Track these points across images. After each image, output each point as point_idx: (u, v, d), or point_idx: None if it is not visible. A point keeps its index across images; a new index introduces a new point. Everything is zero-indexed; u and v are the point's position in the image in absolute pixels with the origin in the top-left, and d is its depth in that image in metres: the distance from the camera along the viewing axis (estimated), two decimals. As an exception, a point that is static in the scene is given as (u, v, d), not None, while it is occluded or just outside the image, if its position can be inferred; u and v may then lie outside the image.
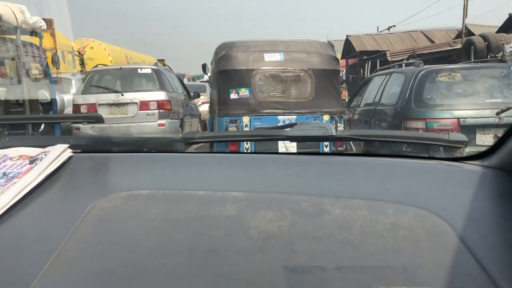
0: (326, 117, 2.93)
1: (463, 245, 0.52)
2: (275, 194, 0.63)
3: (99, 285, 0.47)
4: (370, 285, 0.46)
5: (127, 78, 6.13)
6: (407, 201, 0.60)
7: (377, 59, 12.66)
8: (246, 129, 2.87)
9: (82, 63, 6.85)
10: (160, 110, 5.64)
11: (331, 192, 0.64)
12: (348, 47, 16.64)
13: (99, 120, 1.06)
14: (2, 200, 0.59)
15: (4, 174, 0.67)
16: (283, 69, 2.89)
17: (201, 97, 8.34)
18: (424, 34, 15.57)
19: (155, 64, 6.56)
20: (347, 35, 16.25)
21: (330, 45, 3.26)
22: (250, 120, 2.88)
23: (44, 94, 4.92)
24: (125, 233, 0.56)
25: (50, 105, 5.08)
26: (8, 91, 4.27)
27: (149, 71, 6.10)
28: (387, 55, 11.71)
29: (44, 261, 0.50)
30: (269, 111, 2.90)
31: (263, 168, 0.76)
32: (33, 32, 4.68)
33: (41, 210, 0.62)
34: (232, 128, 2.83)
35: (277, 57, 2.88)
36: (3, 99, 4.13)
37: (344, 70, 19.44)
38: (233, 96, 2.90)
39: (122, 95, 5.64)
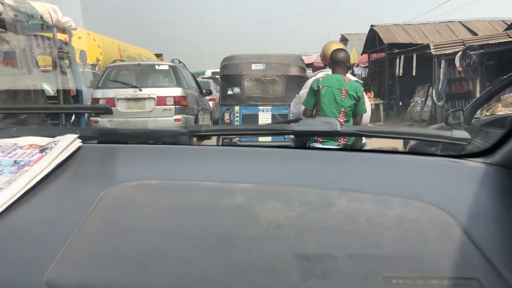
0: None
1: (467, 237, 0.61)
2: (283, 186, 0.75)
3: (113, 269, 0.57)
4: (380, 273, 0.55)
5: (145, 74, 7.07)
6: (412, 196, 0.71)
7: (414, 53, 12.47)
8: (237, 114, 5.00)
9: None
10: (177, 106, 6.58)
11: (338, 186, 0.75)
12: (372, 40, 16.09)
13: (108, 111, 1.20)
14: (14, 187, 0.70)
15: (15, 162, 0.79)
16: (264, 74, 5.03)
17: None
18: (464, 25, 16.22)
19: (172, 61, 7.43)
20: (371, 25, 15.70)
21: (300, 58, 5.52)
22: (240, 108, 5.00)
23: (73, 87, 5.90)
24: (137, 220, 0.66)
25: (77, 97, 6.06)
26: (45, 83, 5.31)
27: (166, 67, 7.05)
28: (431, 47, 11.25)
29: (60, 247, 0.59)
30: (253, 103, 4.99)
31: (270, 161, 0.89)
32: (64, 30, 5.70)
33: (53, 198, 0.73)
34: (227, 114, 4.99)
35: (260, 66, 5.05)
36: (42, 89, 5.08)
37: (364, 68, 18.42)
38: (229, 92, 5.06)
39: (140, 90, 6.57)
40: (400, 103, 14.23)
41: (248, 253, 0.59)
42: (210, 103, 9.18)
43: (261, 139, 4.47)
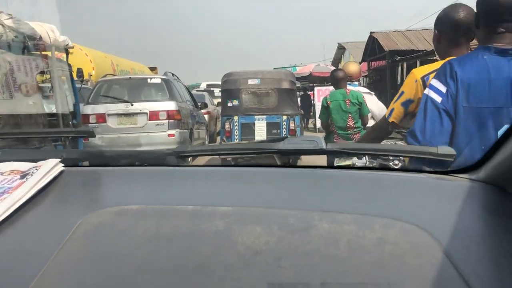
0: (284, 117, 5.89)
1: (448, 260, 0.61)
2: (264, 208, 0.75)
3: None
4: None
5: (137, 88, 6.97)
6: (395, 215, 0.71)
7: (417, 60, 12.09)
8: (236, 123, 5.87)
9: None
10: (170, 120, 6.51)
11: (319, 207, 0.75)
12: (372, 47, 15.80)
13: (91, 134, 1.20)
14: None
15: None
16: (259, 88, 5.97)
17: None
18: (466, 30, 16.31)
19: (165, 74, 7.38)
20: (371, 32, 15.53)
21: (291, 73, 6.61)
22: (238, 118, 5.89)
23: (71, 105, 5.84)
24: (113, 249, 0.66)
25: (74, 113, 5.92)
26: (44, 102, 5.32)
27: (158, 81, 6.97)
28: (438, 53, 11.12)
29: (33, 276, 0.60)
30: (250, 113, 5.88)
31: (252, 182, 0.89)
32: (61, 49, 5.68)
33: (30, 226, 0.73)
34: (227, 123, 5.88)
35: (256, 81, 5.98)
36: (43, 111, 5.16)
37: (364, 77, 17.50)
38: (229, 104, 5.97)
39: (132, 105, 6.46)
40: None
41: (223, 282, 0.60)
42: (206, 116, 9.01)
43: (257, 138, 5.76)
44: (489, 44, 1.24)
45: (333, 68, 17.43)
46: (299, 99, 14.52)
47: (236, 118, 5.97)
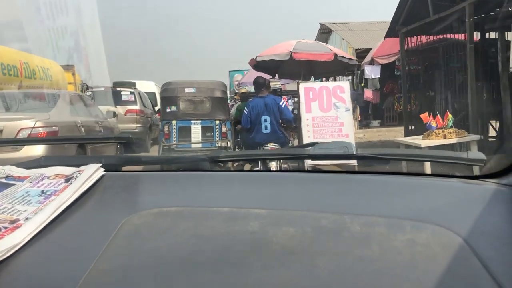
0: (217, 122, 7.28)
1: (479, 262, 0.69)
2: (297, 211, 0.88)
3: None
4: None
5: None
6: (425, 219, 0.82)
7: None
8: (174, 127, 7.10)
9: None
10: None
11: (351, 210, 0.87)
12: (413, 5, 7.98)
13: (129, 140, 1.35)
14: (42, 216, 0.87)
15: (42, 192, 0.96)
16: (194, 96, 7.35)
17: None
18: None
19: None
20: None
21: (222, 83, 7.92)
22: (176, 122, 7.21)
23: None
24: (155, 247, 0.78)
25: None
26: None
27: None
28: None
29: (84, 271, 0.70)
30: (186, 118, 7.29)
31: (285, 186, 1.06)
32: None
33: (77, 226, 0.88)
34: (166, 126, 7.20)
35: (192, 90, 7.34)
36: None
37: (386, 64, 10.98)
38: (168, 110, 7.35)
39: None
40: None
41: (260, 280, 0.70)
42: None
43: (193, 145, 7.20)
44: (257, 95, 6.01)
45: (323, 43, 9.35)
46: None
47: (174, 122, 7.27)
